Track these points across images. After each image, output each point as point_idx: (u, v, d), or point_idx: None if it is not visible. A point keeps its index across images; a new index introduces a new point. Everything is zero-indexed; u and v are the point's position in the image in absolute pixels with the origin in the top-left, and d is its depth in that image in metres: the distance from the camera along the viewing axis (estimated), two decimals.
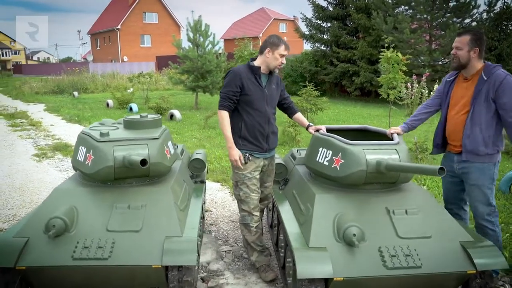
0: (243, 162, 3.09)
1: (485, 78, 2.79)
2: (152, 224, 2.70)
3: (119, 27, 42.86)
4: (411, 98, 12.10)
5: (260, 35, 49.22)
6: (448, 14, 15.26)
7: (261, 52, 3.11)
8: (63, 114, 12.40)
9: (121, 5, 45.99)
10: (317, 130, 3.21)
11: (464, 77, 2.96)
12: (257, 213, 3.21)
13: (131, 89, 14.68)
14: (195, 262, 2.50)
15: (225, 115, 3.08)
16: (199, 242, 3.37)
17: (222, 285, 3.07)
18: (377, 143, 2.80)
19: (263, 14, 52.98)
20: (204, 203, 4.39)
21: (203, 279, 3.15)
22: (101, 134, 2.95)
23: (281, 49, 3.04)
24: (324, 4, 19.26)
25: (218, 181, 5.64)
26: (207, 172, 4.84)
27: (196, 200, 3.41)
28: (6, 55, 65.17)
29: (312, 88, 10.69)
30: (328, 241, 2.49)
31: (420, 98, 12.04)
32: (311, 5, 19.30)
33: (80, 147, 3.04)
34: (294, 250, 2.43)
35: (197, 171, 3.92)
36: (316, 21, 19.59)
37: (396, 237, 2.54)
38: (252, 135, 3.12)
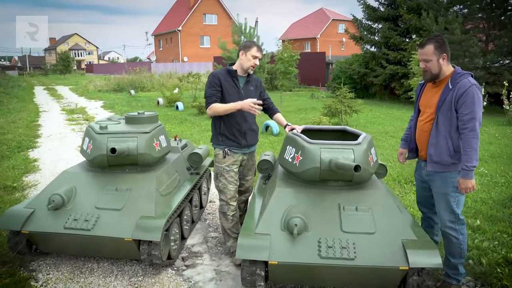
0: (258, 103, 3.26)
1: (451, 87, 2.72)
2: (132, 204, 3.17)
3: (180, 28, 44.97)
4: None
5: (318, 36, 48.93)
6: (509, 12, 14.30)
7: (238, 56, 3.44)
8: (116, 111, 13.57)
9: (183, 7, 48.25)
10: (293, 129, 3.47)
11: (435, 81, 2.88)
12: (234, 203, 3.54)
13: (177, 89, 15.59)
14: (159, 238, 2.91)
15: (216, 105, 3.31)
16: (186, 227, 3.81)
17: (197, 264, 3.45)
18: (336, 142, 2.99)
19: (322, 15, 52.52)
20: (205, 194, 4.81)
21: (183, 258, 3.55)
22: (100, 127, 3.47)
23: (253, 51, 3.35)
24: (375, 4, 18.90)
25: None
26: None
27: (185, 188, 3.82)
28: (80, 56, 71.46)
29: (346, 90, 10.69)
30: (273, 229, 2.76)
31: None
32: (362, 6, 19.02)
33: (85, 138, 3.59)
34: (240, 235, 2.74)
35: (194, 163, 4.34)
36: (366, 22, 19.29)
37: (339, 231, 2.75)
38: (230, 132, 3.45)
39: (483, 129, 9.99)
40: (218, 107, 3.31)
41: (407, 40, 17.47)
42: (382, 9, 18.69)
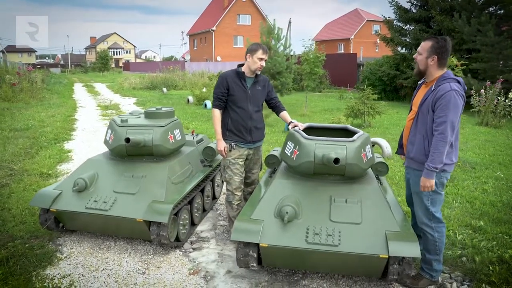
0: (227, 152, 3.74)
1: (433, 88, 2.81)
2: (145, 190, 3.54)
3: (214, 28, 45.80)
4: (484, 105, 11.38)
5: (352, 37, 48.44)
6: None
7: (245, 58, 3.73)
8: (146, 107, 14.21)
9: (217, 8, 49.11)
10: (295, 126, 3.72)
11: (426, 81, 3.00)
12: (239, 193, 3.83)
13: (204, 89, 16.06)
14: (166, 220, 3.26)
15: (216, 113, 3.74)
16: (196, 214, 4.14)
17: (203, 248, 3.77)
18: (330, 139, 3.22)
19: (357, 16, 51.91)
20: (218, 186, 5.13)
21: (191, 242, 3.88)
22: (121, 121, 3.87)
23: (259, 53, 3.62)
24: (407, 5, 18.63)
25: None
26: None
27: (196, 179, 4.15)
28: (119, 54, 74.37)
29: (370, 92, 10.73)
30: (267, 216, 3.03)
31: (495, 105, 11.23)
32: (393, 7, 18.82)
33: (108, 129, 4.00)
34: (236, 219, 3.04)
35: (208, 156, 4.67)
36: (397, 23, 19.07)
37: (328, 220, 2.98)
38: (237, 128, 3.75)
39: (511, 134, 9.78)
40: (215, 119, 3.72)
41: None
42: (414, 10, 18.41)
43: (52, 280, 3.12)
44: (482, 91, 11.41)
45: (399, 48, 19.14)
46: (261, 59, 3.65)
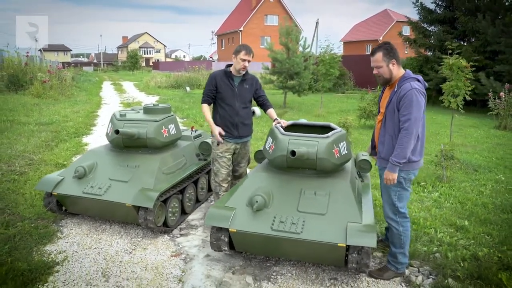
0: (223, 135, 3.97)
1: (396, 90, 2.98)
2: (137, 178, 3.87)
3: (241, 29, 46.32)
4: (503, 108, 11.13)
5: (380, 38, 47.72)
6: None
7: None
8: None
9: (245, 8, 49.64)
10: (279, 123, 3.94)
11: (389, 84, 3.17)
12: (225, 185, 4.11)
13: None
14: (152, 206, 3.57)
15: (205, 107, 4.05)
16: (188, 204, 4.45)
17: (190, 234, 4.07)
18: (304, 135, 3.44)
19: (386, 17, 51.11)
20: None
21: (180, 229, 4.19)
22: (120, 115, 4.22)
23: (241, 54, 3.88)
24: (432, 6, 18.31)
25: None
26: None
27: (188, 171, 4.45)
28: (149, 53, 76.45)
29: None
30: (239, 204, 3.29)
31: None
32: (417, 8, 18.55)
33: (109, 123, 4.36)
34: (211, 206, 3.30)
35: (204, 151, 4.96)
36: (421, 24, 18.78)
37: (295, 210, 3.20)
38: (224, 124, 4.02)
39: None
40: (205, 112, 4.01)
41: (466, 43, 16.74)
42: (438, 11, 18.08)
43: (49, 255, 3.50)
44: (502, 93, 11.17)
45: (422, 49, 18.85)
46: (243, 60, 3.90)
